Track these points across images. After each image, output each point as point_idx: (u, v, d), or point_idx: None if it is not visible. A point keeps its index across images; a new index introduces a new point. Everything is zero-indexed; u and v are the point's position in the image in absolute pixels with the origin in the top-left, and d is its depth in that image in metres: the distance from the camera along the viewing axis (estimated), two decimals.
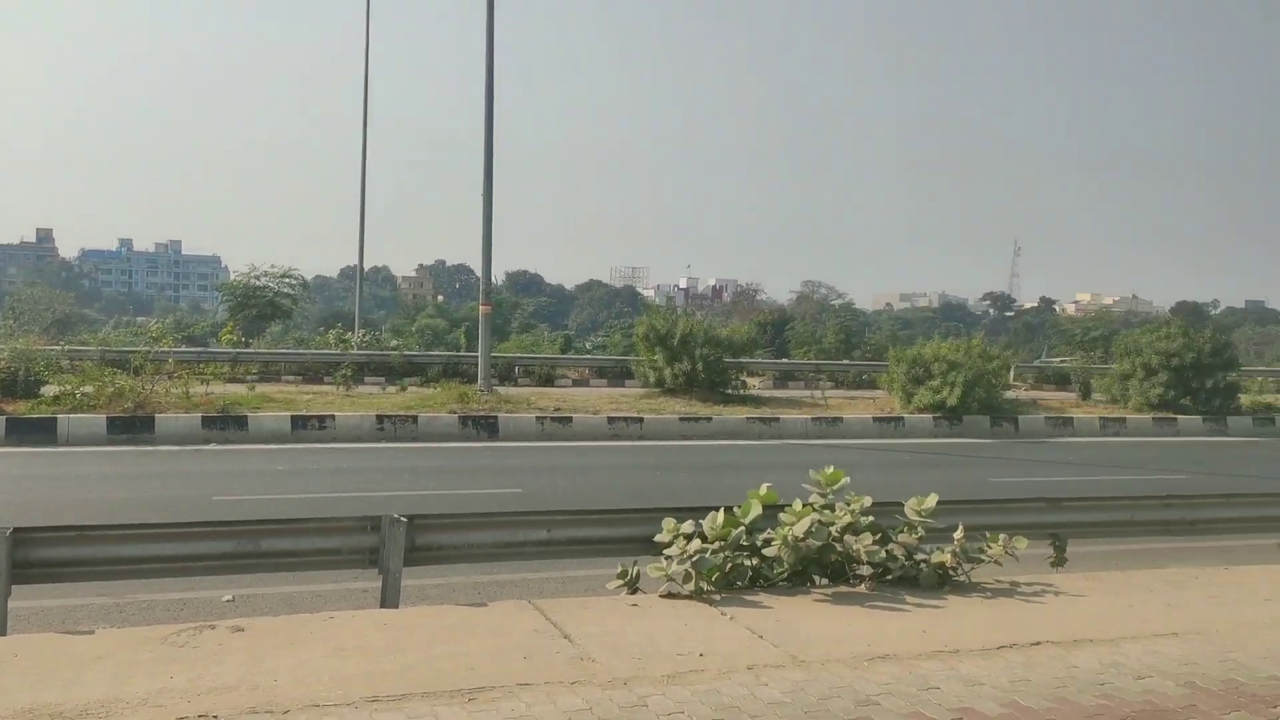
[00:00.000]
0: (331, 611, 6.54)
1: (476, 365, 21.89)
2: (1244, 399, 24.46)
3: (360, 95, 33.12)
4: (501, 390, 21.69)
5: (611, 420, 18.44)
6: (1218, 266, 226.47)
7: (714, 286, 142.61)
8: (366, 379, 24.40)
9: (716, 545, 7.06)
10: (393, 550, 6.73)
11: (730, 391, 22.54)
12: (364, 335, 30.78)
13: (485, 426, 17.66)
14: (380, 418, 17.27)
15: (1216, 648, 5.86)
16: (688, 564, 6.86)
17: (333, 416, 17.06)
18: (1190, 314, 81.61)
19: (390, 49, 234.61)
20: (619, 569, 7.17)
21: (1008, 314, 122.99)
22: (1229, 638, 6.08)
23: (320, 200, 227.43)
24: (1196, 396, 22.98)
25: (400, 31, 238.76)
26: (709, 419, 19.20)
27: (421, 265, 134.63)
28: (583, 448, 16.88)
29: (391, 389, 22.15)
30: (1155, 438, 21.38)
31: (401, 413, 17.74)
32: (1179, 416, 22.45)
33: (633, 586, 7.07)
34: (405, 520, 6.82)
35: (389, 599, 6.72)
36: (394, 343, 30.78)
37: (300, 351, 27.68)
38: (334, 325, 36.45)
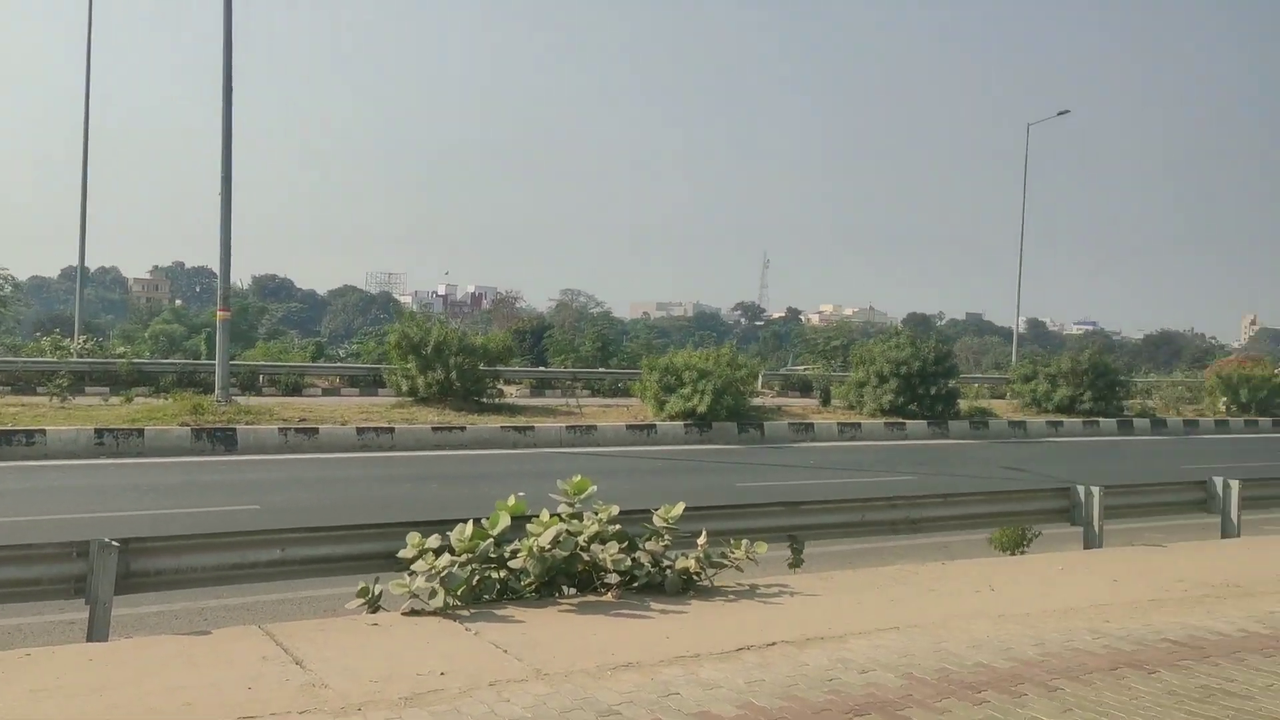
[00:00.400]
0: (29, 648, 5.88)
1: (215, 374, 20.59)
2: (963, 404, 26.54)
3: (83, 85, 30.39)
4: (242, 400, 20.48)
5: (361, 431, 17.80)
6: (943, 281, 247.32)
7: (473, 294, 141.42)
8: (88, 389, 22.52)
9: (464, 558, 6.90)
10: (102, 578, 6.15)
11: (486, 400, 22.29)
12: (86, 341, 28.32)
13: (222, 439, 16.61)
14: (100, 431, 15.88)
15: (932, 639, 6.25)
16: (435, 580, 6.67)
17: (43, 431, 15.54)
18: (919, 325, 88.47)
19: (123, 38, 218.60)
20: (360, 587, 6.88)
21: (758, 323, 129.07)
22: (943, 629, 6.51)
23: (38, 195, 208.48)
24: (922, 402, 24.75)
25: (133, 20, 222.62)
26: (463, 428, 18.90)
27: (157, 267, 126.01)
28: (329, 460, 16.20)
29: (116, 400, 20.46)
30: (887, 441, 22.87)
31: (125, 426, 16.38)
32: (907, 421, 24.11)
33: (374, 605, 6.78)
34: (117, 544, 6.25)
35: (97, 632, 6.13)
36: (121, 350, 28.48)
37: (8, 359, 25.22)
38: (51, 331, 33.29)
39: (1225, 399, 31.36)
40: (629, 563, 7.23)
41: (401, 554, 6.95)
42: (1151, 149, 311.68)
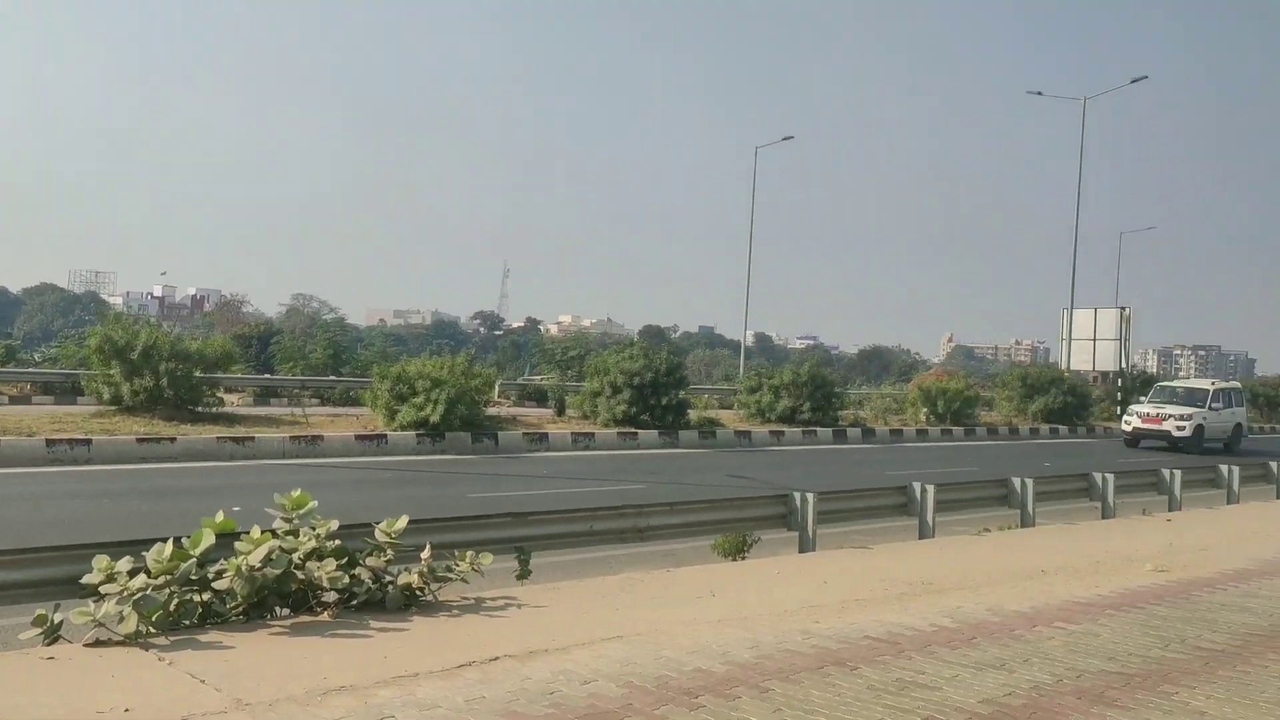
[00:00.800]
0: None
1: None
2: (692, 414, 27.42)
3: None
4: None
5: (52, 443, 16.12)
6: (679, 295, 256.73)
7: (194, 296, 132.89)
8: None
9: (162, 581, 6.34)
10: None
11: (202, 409, 20.84)
12: None
13: None
14: None
15: (653, 646, 6.32)
16: (127, 604, 6.07)
17: None
18: (654, 337, 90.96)
19: None
20: (37, 615, 6.16)
21: (497, 333, 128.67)
22: (665, 636, 6.61)
23: None
24: (654, 412, 25.34)
25: None
26: (173, 439, 17.52)
27: None
28: (11, 475, 14.54)
29: None
30: (620, 450, 23.24)
31: None
32: (639, 431, 24.62)
33: (53, 636, 6.09)
34: None
35: None
36: None
37: None
38: None
39: (925, 410, 34.12)
40: (347, 580, 6.89)
41: (87, 579, 6.29)
42: (866, 176, 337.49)
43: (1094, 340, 42.60)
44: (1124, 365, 43.16)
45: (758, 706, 5.24)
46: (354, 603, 7.00)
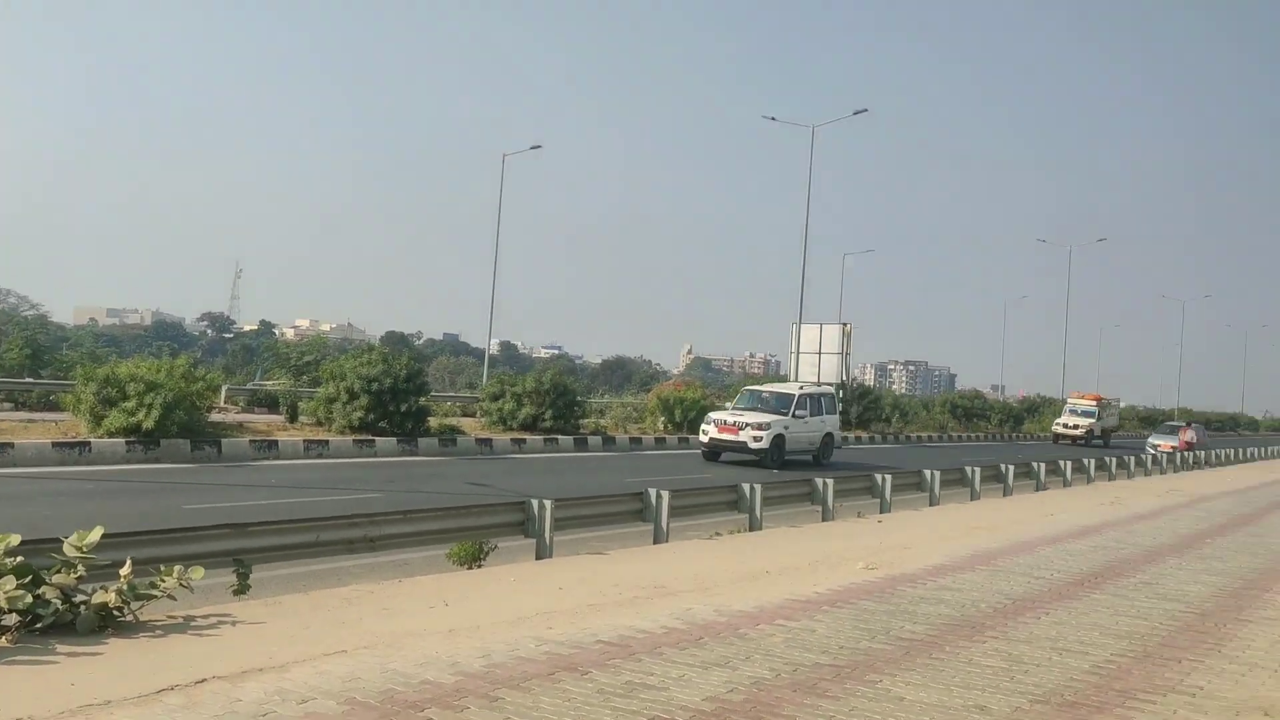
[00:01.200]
0: None
1: None
2: (433, 422, 26.84)
3: None
4: None
5: None
6: (424, 301, 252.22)
7: None
8: None
9: None
10: None
11: None
12: None
13: None
14: None
15: (380, 660, 6.05)
16: None
17: None
18: (397, 343, 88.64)
19: None
20: None
21: (227, 335, 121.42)
22: (392, 649, 6.35)
23: None
24: (393, 419, 24.64)
25: None
26: None
27: None
28: None
29: None
30: (356, 458, 22.42)
31: None
32: (377, 438, 23.85)
33: None
34: None
35: None
36: None
37: None
38: None
39: (664, 418, 35.09)
40: (30, 600, 6.20)
41: None
42: (610, 189, 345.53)
43: (819, 354, 45.26)
44: (845, 378, 46.18)
45: (487, 716, 5.11)
46: (39, 626, 6.32)
